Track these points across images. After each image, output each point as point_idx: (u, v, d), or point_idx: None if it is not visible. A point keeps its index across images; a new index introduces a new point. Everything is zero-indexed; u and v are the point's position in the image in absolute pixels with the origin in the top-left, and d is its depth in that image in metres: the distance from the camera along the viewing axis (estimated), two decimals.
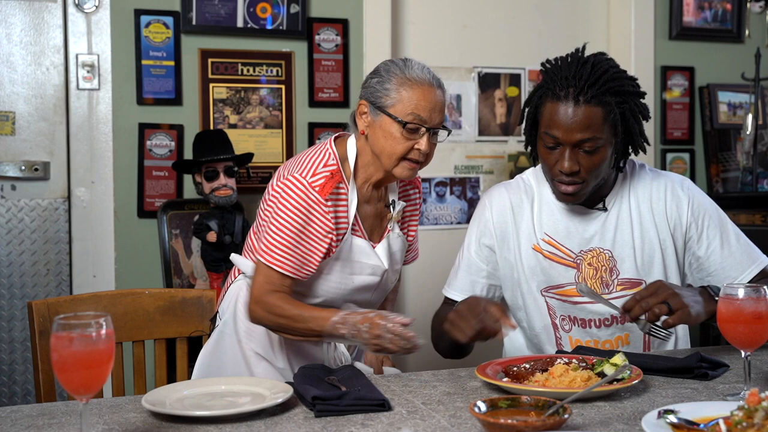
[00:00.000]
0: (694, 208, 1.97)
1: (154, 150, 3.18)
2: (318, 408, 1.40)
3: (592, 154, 1.83)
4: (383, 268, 1.98)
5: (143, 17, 3.16)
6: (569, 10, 3.79)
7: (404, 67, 1.89)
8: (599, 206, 1.96)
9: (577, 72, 1.83)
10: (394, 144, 1.86)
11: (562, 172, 1.84)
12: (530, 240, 1.98)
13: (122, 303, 2.04)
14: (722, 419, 1.15)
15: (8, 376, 3.05)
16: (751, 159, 3.67)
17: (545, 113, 1.86)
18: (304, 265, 1.88)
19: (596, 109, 1.81)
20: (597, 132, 1.81)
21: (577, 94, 1.81)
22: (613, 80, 1.84)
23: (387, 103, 1.87)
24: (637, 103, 1.89)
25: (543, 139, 1.87)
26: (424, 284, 3.49)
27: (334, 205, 1.90)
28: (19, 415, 1.42)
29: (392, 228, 2.03)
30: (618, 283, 1.94)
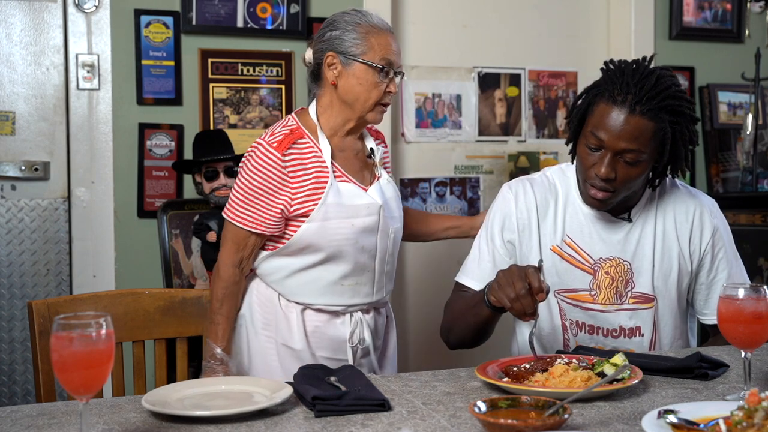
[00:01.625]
0: (716, 239, 1.96)
1: (154, 150, 3.18)
2: (318, 408, 1.40)
3: (631, 166, 1.80)
4: (377, 204, 2.03)
5: (143, 17, 3.16)
6: (569, 10, 3.79)
7: (365, 17, 2.03)
8: (624, 216, 1.94)
9: (641, 81, 1.79)
10: (370, 89, 1.99)
11: (597, 176, 1.81)
12: (550, 240, 1.96)
13: (122, 303, 2.04)
14: (722, 419, 1.15)
15: (8, 376, 3.05)
16: (751, 159, 3.67)
17: (597, 113, 1.82)
18: (265, 219, 1.97)
19: (649, 123, 1.77)
20: (643, 146, 1.78)
21: (634, 102, 1.77)
22: (674, 98, 1.80)
23: (358, 51, 1.99)
24: (689, 128, 1.85)
25: (587, 138, 1.84)
26: (424, 283, 3.49)
27: (299, 158, 1.98)
28: (19, 415, 1.42)
29: (380, 174, 2.12)
30: (631, 296, 1.93)
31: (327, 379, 1.57)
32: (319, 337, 2.04)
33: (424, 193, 3.57)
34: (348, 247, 2.00)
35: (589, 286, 1.93)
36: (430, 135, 3.59)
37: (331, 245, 1.99)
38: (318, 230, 1.97)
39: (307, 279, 2.02)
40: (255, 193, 1.97)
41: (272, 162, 1.96)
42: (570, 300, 1.94)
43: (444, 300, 2.06)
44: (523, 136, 3.72)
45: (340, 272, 2.02)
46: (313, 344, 2.04)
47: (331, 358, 2.04)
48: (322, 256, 2.00)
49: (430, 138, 3.59)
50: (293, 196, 1.98)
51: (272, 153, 1.96)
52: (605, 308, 1.92)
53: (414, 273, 3.51)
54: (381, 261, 2.07)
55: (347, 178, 2.04)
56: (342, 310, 2.05)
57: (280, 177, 1.96)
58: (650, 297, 1.93)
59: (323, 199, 1.97)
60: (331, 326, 2.05)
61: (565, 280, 1.94)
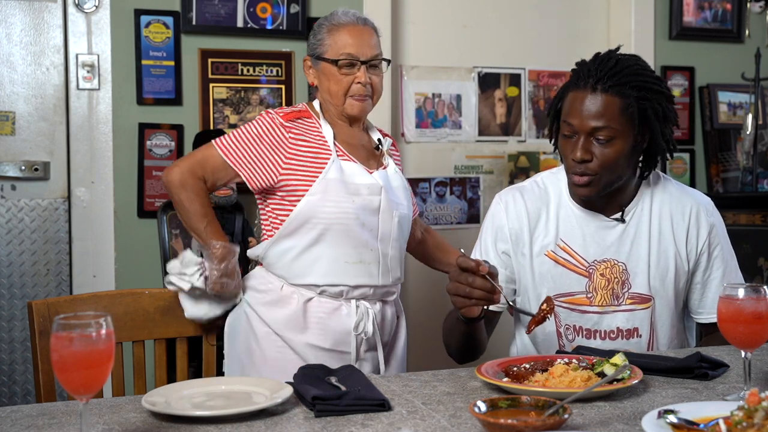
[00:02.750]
0: (712, 238, 1.96)
1: (154, 150, 3.18)
2: (318, 408, 1.40)
3: (606, 144, 1.82)
4: (379, 185, 2.08)
5: (143, 17, 3.16)
6: (569, 10, 3.79)
7: (331, 17, 2.13)
8: (617, 216, 1.94)
9: (602, 64, 1.85)
10: (336, 83, 2.09)
11: (574, 161, 1.84)
12: (544, 247, 1.95)
13: (122, 303, 2.04)
14: (722, 419, 1.15)
15: (8, 376, 3.05)
16: (751, 159, 3.67)
17: (566, 103, 1.88)
18: (246, 161, 2.04)
19: (613, 98, 1.81)
20: (611, 122, 1.81)
21: (595, 82, 1.82)
22: (636, 75, 1.84)
23: (322, 50, 2.11)
24: (662, 104, 1.87)
25: (562, 129, 1.88)
26: (424, 284, 3.49)
27: (302, 131, 2.08)
28: (19, 415, 1.42)
29: (387, 164, 2.19)
30: (628, 297, 1.92)
31: (327, 379, 1.57)
32: (321, 328, 2.05)
33: (424, 193, 3.57)
34: (349, 222, 2.03)
35: (586, 289, 1.92)
36: (430, 135, 3.59)
37: (331, 218, 2.02)
38: (318, 202, 2.02)
39: (311, 258, 2.04)
40: (248, 138, 2.06)
41: (274, 123, 2.07)
42: (566, 304, 1.93)
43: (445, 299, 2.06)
44: (523, 136, 3.73)
45: (342, 249, 2.04)
46: (316, 335, 2.05)
47: (334, 350, 2.05)
48: (321, 230, 2.02)
49: (430, 138, 3.59)
50: (286, 161, 2.04)
51: (277, 117, 2.07)
52: (602, 310, 1.91)
53: (414, 272, 3.51)
54: (384, 242, 2.09)
55: (350, 158, 2.10)
56: (347, 291, 2.05)
57: (279, 137, 2.05)
58: (647, 297, 1.92)
59: (324, 174, 2.03)
60: (335, 317, 2.05)
61: (561, 284, 1.93)
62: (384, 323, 2.14)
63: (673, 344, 1.97)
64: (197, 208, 2.06)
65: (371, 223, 2.07)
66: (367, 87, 2.11)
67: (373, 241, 2.07)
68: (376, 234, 2.08)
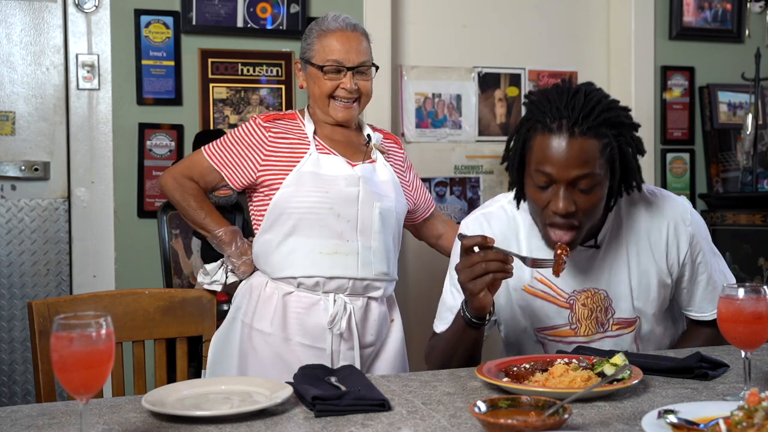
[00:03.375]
0: (693, 246, 1.86)
1: (154, 150, 3.18)
2: (318, 408, 1.40)
3: (588, 193, 1.68)
4: (356, 176, 2.10)
5: (143, 17, 3.16)
6: (569, 10, 3.79)
7: (321, 22, 2.17)
8: (590, 243, 1.82)
9: (569, 102, 1.67)
10: (320, 86, 2.13)
11: (556, 214, 1.68)
12: (519, 281, 1.84)
13: (122, 303, 2.04)
14: (722, 419, 1.15)
15: (8, 376, 3.05)
16: (751, 159, 3.67)
17: (536, 148, 1.68)
18: (227, 163, 2.13)
19: (592, 141, 1.65)
20: (594, 167, 1.66)
21: (571, 125, 1.65)
22: (609, 110, 1.70)
23: (311, 55, 2.16)
24: (633, 137, 1.75)
25: (533, 178, 1.70)
26: (425, 284, 3.49)
27: (283, 130, 2.15)
28: (19, 415, 1.42)
29: (376, 158, 2.20)
30: (614, 323, 1.86)
31: (327, 379, 1.57)
32: (298, 323, 2.06)
33: None
34: (322, 213, 2.05)
35: (569, 320, 1.85)
36: (430, 135, 3.59)
37: (302, 211, 2.05)
38: (291, 194, 2.06)
39: (287, 250, 2.07)
40: (230, 141, 2.15)
41: (255, 124, 2.15)
42: (551, 337, 1.87)
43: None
44: None
45: (317, 240, 2.06)
46: (291, 330, 2.06)
47: (311, 346, 2.06)
48: (295, 221, 2.06)
49: (430, 138, 3.59)
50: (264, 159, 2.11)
51: (258, 120, 2.15)
52: (589, 339, 1.85)
53: (415, 272, 3.51)
54: (364, 234, 2.09)
55: (330, 151, 2.14)
56: (323, 282, 2.06)
57: (259, 136, 2.12)
58: (632, 320, 1.86)
59: (298, 166, 2.08)
60: (313, 313, 2.07)
61: (542, 317, 1.85)
62: (367, 321, 2.11)
63: (663, 346, 1.96)
64: (192, 203, 2.17)
65: (349, 214, 2.08)
66: (353, 92, 2.13)
67: (350, 233, 2.08)
68: (354, 225, 2.09)
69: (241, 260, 2.15)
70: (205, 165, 2.16)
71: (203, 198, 2.20)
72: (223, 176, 2.14)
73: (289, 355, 2.05)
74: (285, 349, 2.06)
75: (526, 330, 1.90)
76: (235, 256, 2.15)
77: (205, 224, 2.18)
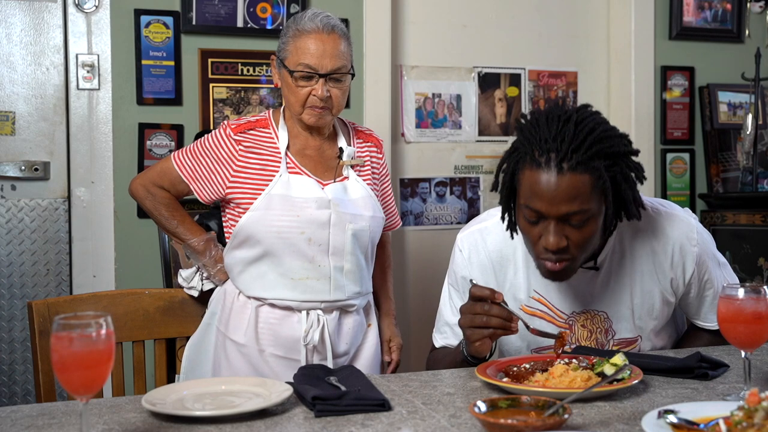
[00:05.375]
0: (700, 265, 1.81)
1: (154, 150, 3.18)
2: (318, 408, 1.40)
3: (580, 228, 1.61)
4: (327, 198, 2.01)
5: (143, 17, 3.16)
6: (569, 10, 3.79)
7: (298, 19, 2.03)
8: (590, 265, 1.77)
9: (559, 133, 1.58)
10: (292, 93, 2.02)
11: (548, 250, 1.62)
12: (517, 301, 1.82)
13: (122, 303, 2.04)
14: (722, 419, 1.15)
15: (8, 376, 3.05)
16: (751, 159, 3.67)
17: (524, 183, 1.62)
18: (196, 176, 2.07)
19: (583, 177, 1.57)
20: (585, 203, 1.58)
21: (560, 160, 1.56)
22: (601, 141, 1.60)
23: (284, 56, 2.03)
24: (629, 164, 1.66)
25: (523, 212, 1.64)
26: (424, 283, 3.49)
27: (253, 144, 2.05)
28: (19, 415, 1.42)
29: (347, 174, 2.10)
30: (614, 343, 1.83)
31: (327, 378, 1.57)
32: (271, 334, 2.02)
33: (424, 193, 3.57)
34: (293, 239, 1.99)
35: (568, 341, 1.80)
36: (430, 135, 3.59)
37: (271, 236, 1.98)
38: (259, 219, 1.99)
39: (257, 272, 2.02)
40: (200, 152, 2.08)
41: (225, 135, 2.06)
42: None
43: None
44: None
45: (287, 265, 2.00)
46: (263, 341, 2.02)
47: (285, 357, 2.02)
48: (263, 249, 2.00)
49: (430, 138, 3.59)
50: (234, 175, 2.04)
51: (229, 130, 2.06)
52: None
53: (414, 272, 3.51)
54: (337, 257, 2.03)
55: (301, 171, 2.05)
56: (296, 306, 2.02)
57: (228, 151, 2.04)
58: (633, 339, 1.84)
59: (268, 189, 2.01)
60: (286, 325, 2.02)
61: (541, 339, 1.74)
62: (341, 333, 2.07)
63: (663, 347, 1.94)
64: (163, 212, 2.13)
65: (320, 237, 2.01)
66: (324, 100, 1.99)
67: (322, 257, 2.01)
68: (326, 248, 2.02)
69: (216, 268, 2.10)
70: (174, 174, 2.09)
71: (175, 206, 2.13)
72: (190, 188, 2.08)
73: (262, 366, 2.01)
74: (259, 361, 2.01)
75: (521, 351, 1.87)
76: (210, 265, 2.10)
77: (177, 233, 2.13)
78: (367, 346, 2.15)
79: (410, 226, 3.53)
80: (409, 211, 3.55)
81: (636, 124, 3.76)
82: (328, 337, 2.03)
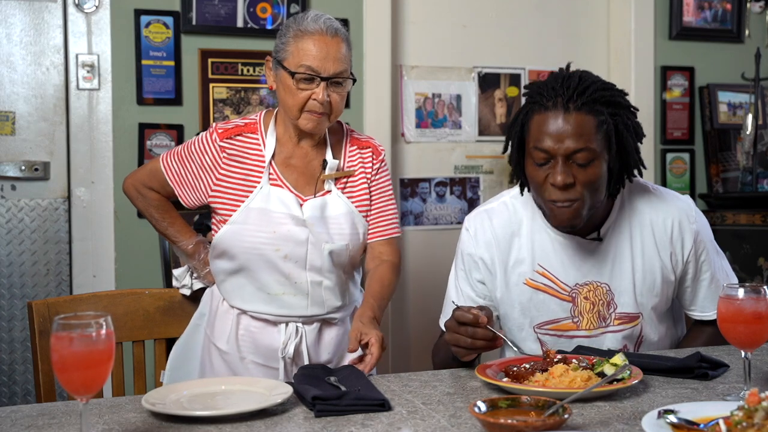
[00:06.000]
0: (698, 243, 1.87)
1: (154, 150, 3.18)
2: (318, 408, 1.40)
3: (586, 167, 1.70)
4: (302, 218, 1.96)
5: (143, 17, 3.16)
6: (569, 10, 3.79)
7: (300, 20, 1.95)
8: (593, 236, 1.84)
9: (565, 82, 1.73)
10: (291, 96, 1.94)
11: (555, 186, 1.70)
12: (521, 275, 1.86)
13: (122, 303, 2.04)
14: (722, 419, 1.15)
15: (8, 376, 3.05)
16: (751, 159, 3.68)
17: (533, 127, 1.74)
18: (181, 181, 2.04)
19: (588, 117, 1.70)
20: (590, 142, 1.69)
21: (566, 101, 1.70)
22: (604, 90, 1.74)
23: (283, 56, 1.95)
24: (630, 119, 1.78)
25: (532, 156, 1.74)
26: (424, 283, 3.49)
27: (238, 152, 2.00)
28: (19, 415, 1.42)
29: (330, 189, 2.01)
30: (615, 317, 1.86)
31: (327, 379, 1.57)
32: (251, 342, 2.00)
33: (424, 193, 3.57)
34: (269, 255, 1.94)
35: (571, 314, 1.85)
36: (430, 135, 3.59)
37: (246, 252, 1.95)
38: (235, 234, 1.95)
39: (236, 284, 1.99)
40: (186, 156, 2.04)
41: (211, 142, 2.01)
42: (553, 332, 1.87)
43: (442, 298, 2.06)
44: None
45: (263, 280, 1.97)
46: (244, 348, 2.00)
47: (264, 365, 1.99)
48: (239, 263, 1.97)
49: (430, 138, 3.59)
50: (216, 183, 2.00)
51: (215, 135, 2.01)
52: (590, 333, 1.86)
53: (414, 272, 3.51)
54: (314, 273, 1.97)
55: (283, 184, 1.99)
56: (274, 319, 1.99)
57: (212, 158, 2.00)
58: (635, 315, 1.86)
59: (247, 202, 1.96)
60: (265, 333, 2.00)
61: (545, 312, 1.85)
62: (322, 343, 2.04)
63: (663, 345, 1.95)
64: (154, 214, 2.11)
65: (297, 254, 1.95)
66: (324, 104, 1.93)
67: (299, 273, 1.96)
68: (303, 265, 1.97)
69: (205, 270, 2.08)
70: (163, 177, 2.06)
71: (166, 207, 2.11)
72: (175, 192, 2.05)
73: (243, 373, 1.99)
74: (240, 367, 2.00)
75: (523, 328, 1.89)
76: (199, 267, 2.09)
77: (168, 235, 2.11)
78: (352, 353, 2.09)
79: (410, 226, 3.53)
80: (409, 211, 3.55)
81: None
82: (306, 349, 2.00)
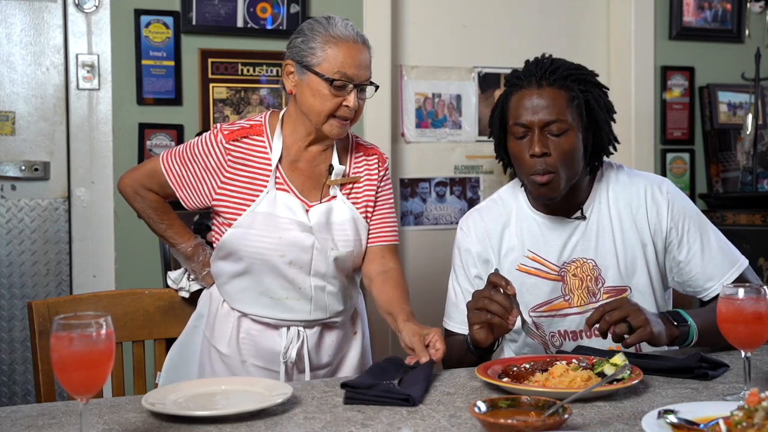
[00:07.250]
0: (674, 212, 1.92)
1: (154, 150, 3.18)
2: (347, 395, 1.46)
3: (560, 137, 1.83)
4: (308, 224, 1.94)
5: (143, 17, 3.16)
6: (569, 10, 3.80)
7: (328, 25, 1.93)
8: (577, 215, 1.93)
9: (539, 63, 1.92)
10: (322, 102, 1.90)
11: (533, 156, 1.82)
12: (513, 262, 1.94)
13: (122, 303, 2.04)
14: (722, 419, 1.15)
15: (8, 376, 3.05)
16: (751, 159, 3.68)
17: (511, 106, 1.89)
18: (183, 183, 1.99)
19: (559, 91, 1.85)
20: (562, 114, 1.83)
21: (539, 79, 1.86)
22: (575, 69, 1.91)
23: (313, 61, 1.90)
24: (601, 96, 1.91)
25: (512, 132, 1.88)
26: (424, 283, 3.49)
27: (244, 154, 1.96)
28: (19, 415, 1.42)
29: (335, 194, 2.00)
30: (604, 291, 1.91)
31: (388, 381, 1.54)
32: (252, 345, 1.99)
33: (424, 193, 3.57)
34: (273, 260, 1.93)
35: (562, 292, 1.91)
36: (430, 135, 3.59)
37: (252, 255, 1.93)
38: (241, 237, 1.93)
39: (240, 287, 1.98)
40: (189, 158, 1.99)
41: (216, 144, 1.96)
42: (546, 313, 1.91)
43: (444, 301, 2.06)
44: None
45: (267, 284, 1.96)
46: (245, 352, 1.99)
47: (265, 369, 1.99)
48: (244, 266, 1.95)
49: (430, 138, 3.59)
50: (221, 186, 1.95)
51: (221, 137, 1.96)
52: (582, 309, 1.89)
53: (414, 272, 3.51)
54: (318, 278, 1.97)
55: (289, 189, 1.97)
56: (275, 323, 1.98)
57: (218, 160, 1.96)
58: (623, 288, 1.91)
59: (253, 206, 1.94)
60: (267, 337, 1.99)
61: (537, 295, 1.92)
62: (322, 346, 2.03)
63: None
64: (152, 216, 2.06)
65: (302, 260, 1.94)
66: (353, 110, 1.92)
67: (303, 278, 1.96)
68: (307, 271, 1.96)
69: (204, 272, 2.07)
70: (163, 178, 2.01)
71: (164, 209, 2.07)
72: (176, 194, 2.01)
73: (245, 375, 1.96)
74: (241, 371, 1.99)
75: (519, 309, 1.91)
76: (197, 269, 2.07)
77: (166, 237, 2.08)
78: (351, 354, 2.10)
79: (410, 226, 3.54)
80: (409, 211, 3.55)
81: (636, 124, 3.76)
82: (307, 353, 1.99)
